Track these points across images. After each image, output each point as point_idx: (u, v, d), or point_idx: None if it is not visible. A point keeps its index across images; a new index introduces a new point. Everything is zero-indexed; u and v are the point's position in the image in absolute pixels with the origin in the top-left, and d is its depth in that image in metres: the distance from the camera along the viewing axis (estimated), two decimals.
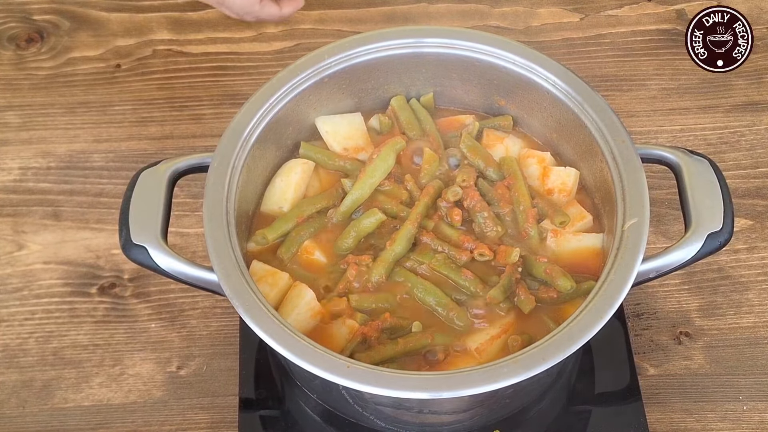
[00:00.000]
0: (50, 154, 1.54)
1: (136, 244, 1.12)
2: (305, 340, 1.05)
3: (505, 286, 1.17)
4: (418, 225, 1.22)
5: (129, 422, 1.30)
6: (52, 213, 1.48)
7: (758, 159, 1.52)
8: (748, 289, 1.39)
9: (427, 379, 1.03)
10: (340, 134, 1.31)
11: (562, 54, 1.64)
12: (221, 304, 1.39)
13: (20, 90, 1.62)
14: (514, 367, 1.02)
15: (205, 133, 1.56)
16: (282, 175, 1.28)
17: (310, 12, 1.71)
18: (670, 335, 1.36)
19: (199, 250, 1.43)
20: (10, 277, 1.42)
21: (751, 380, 1.32)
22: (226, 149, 1.19)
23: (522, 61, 1.26)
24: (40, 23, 1.70)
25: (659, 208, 1.46)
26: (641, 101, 1.59)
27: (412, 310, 1.18)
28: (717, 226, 1.12)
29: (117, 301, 1.39)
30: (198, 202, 1.47)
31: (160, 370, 1.34)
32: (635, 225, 1.12)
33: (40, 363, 1.35)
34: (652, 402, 1.30)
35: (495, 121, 1.33)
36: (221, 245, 1.11)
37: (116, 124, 1.57)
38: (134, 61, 1.65)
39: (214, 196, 1.15)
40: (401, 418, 1.20)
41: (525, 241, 1.22)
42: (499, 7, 1.71)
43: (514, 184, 1.25)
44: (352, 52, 1.28)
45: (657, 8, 1.70)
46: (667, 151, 1.20)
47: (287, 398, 1.30)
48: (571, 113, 1.23)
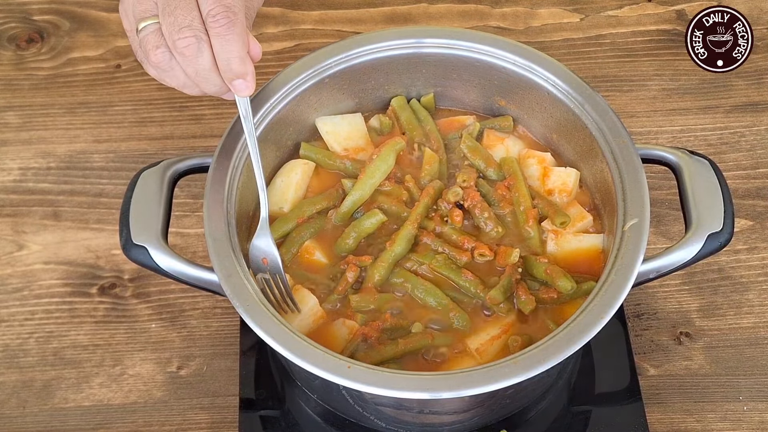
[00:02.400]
0: (50, 154, 1.54)
1: (136, 244, 1.12)
2: (306, 341, 1.05)
3: (505, 287, 1.17)
4: (419, 225, 1.22)
5: (129, 422, 1.30)
6: (52, 213, 1.48)
7: (758, 159, 1.52)
8: (749, 290, 1.39)
9: (427, 379, 1.03)
10: (340, 135, 1.31)
11: (562, 54, 1.64)
12: (221, 304, 1.39)
13: (20, 90, 1.62)
14: (514, 368, 1.02)
15: (205, 133, 1.56)
16: (282, 175, 1.28)
17: (310, 12, 1.71)
18: (671, 335, 1.36)
19: (199, 250, 1.43)
20: (10, 277, 1.42)
21: (751, 380, 1.32)
22: (226, 149, 1.19)
23: (522, 62, 1.26)
24: (40, 23, 1.70)
25: (659, 209, 1.46)
26: (641, 101, 1.59)
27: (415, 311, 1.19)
28: (717, 227, 1.12)
29: (117, 302, 1.39)
30: (198, 203, 1.47)
31: (160, 371, 1.34)
32: (635, 225, 1.12)
33: (40, 363, 1.35)
34: (652, 402, 1.30)
35: (495, 121, 1.33)
36: (221, 245, 1.11)
37: (116, 125, 1.57)
38: (134, 62, 1.65)
39: (214, 196, 1.15)
40: (402, 418, 1.20)
41: (525, 241, 1.23)
42: (499, 8, 1.71)
43: (515, 184, 1.25)
44: (352, 52, 1.28)
45: (657, 8, 1.70)
46: (667, 151, 1.20)
47: (287, 398, 1.30)
48: (572, 113, 1.23)
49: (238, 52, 1.02)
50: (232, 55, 1.02)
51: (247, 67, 1.03)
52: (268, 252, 1.15)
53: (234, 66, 1.02)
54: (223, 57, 1.02)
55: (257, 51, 1.06)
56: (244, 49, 1.03)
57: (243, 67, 1.03)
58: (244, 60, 1.03)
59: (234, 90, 1.06)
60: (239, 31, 1.01)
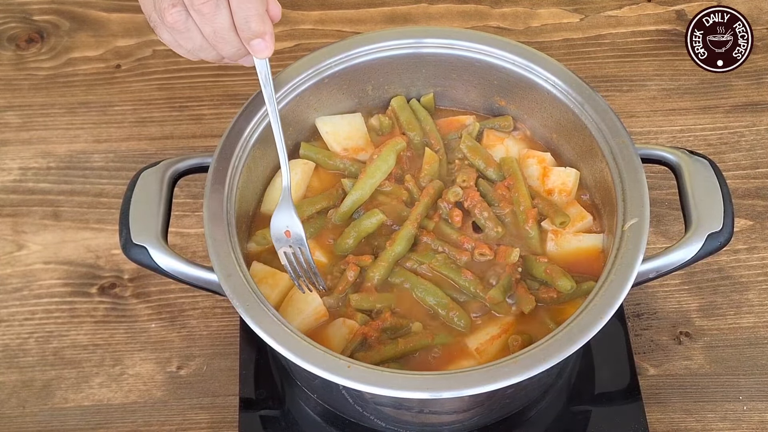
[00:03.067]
0: (50, 154, 1.54)
1: (136, 244, 1.12)
2: (306, 340, 1.05)
3: (505, 286, 1.17)
4: (419, 225, 1.22)
5: (129, 422, 1.30)
6: (52, 213, 1.48)
7: (758, 159, 1.52)
8: (748, 290, 1.39)
9: (427, 379, 1.03)
10: (340, 134, 1.31)
11: (562, 54, 1.64)
12: (221, 304, 1.39)
13: (20, 90, 1.62)
14: (514, 367, 1.02)
15: (205, 133, 1.56)
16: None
17: (310, 12, 1.71)
18: (670, 335, 1.36)
19: (199, 250, 1.43)
20: (10, 277, 1.42)
21: (751, 380, 1.32)
22: (227, 150, 1.19)
23: (522, 62, 1.26)
24: (40, 23, 1.70)
25: (659, 208, 1.46)
26: (641, 101, 1.59)
27: (414, 310, 1.19)
28: (717, 227, 1.12)
29: (117, 301, 1.39)
30: (198, 202, 1.47)
31: (160, 370, 1.34)
32: (635, 225, 1.12)
33: (40, 363, 1.35)
34: (652, 402, 1.30)
35: (495, 121, 1.33)
36: (221, 245, 1.11)
37: (116, 124, 1.57)
38: (134, 62, 1.65)
39: (214, 196, 1.15)
40: (401, 418, 1.20)
41: (525, 241, 1.23)
42: (499, 8, 1.71)
43: (515, 184, 1.25)
44: (352, 52, 1.28)
45: (657, 9, 1.70)
46: (667, 151, 1.21)
47: (287, 398, 1.30)
48: (571, 113, 1.24)
49: (256, 9, 0.98)
50: (250, 12, 0.98)
51: (266, 26, 0.99)
52: (291, 224, 1.13)
53: (252, 24, 0.99)
54: (241, 15, 0.98)
55: (277, 11, 1.02)
56: (262, 7, 0.99)
57: (262, 25, 0.99)
58: (263, 18, 0.99)
59: (252, 51, 1.01)
60: None
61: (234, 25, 0.99)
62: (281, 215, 1.15)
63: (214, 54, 1.03)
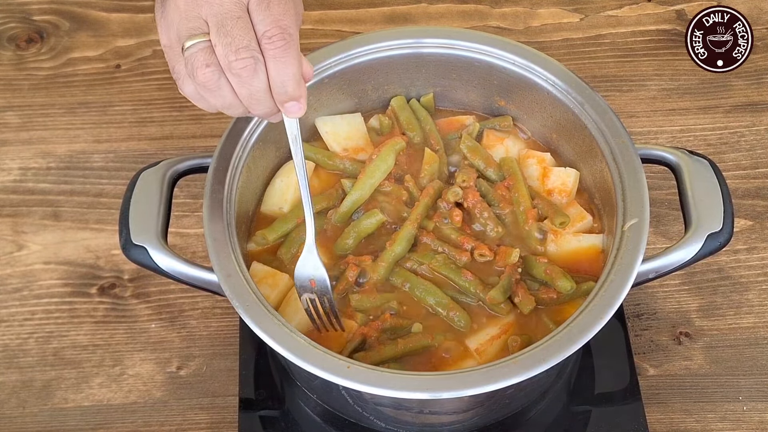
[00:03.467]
0: (50, 154, 1.54)
1: (136, 244, 1.12)
2: (305, 341, 1.05)
3: (504, 287, 1.17)
4: (418, 225, 1.22)
5: (129, 422, 1.30)
6: (52, 213, 1.48)
7: (758, 159, 1.52)
8: (748, 290, 1.39)
9: (427, 379, 1.03)
10: (340, 135, 1.31)
11: (562, 54, 1.64)
12: (221, 304, 1.39)
13: (20, 90, 1.62)
14: (514, 368, 1.02)
15: (205, 133, 1.56)
16: (282, 175, 1.28)
17: (310, 12, 1.71)
18: (670, 335, 1.36)
19: (199, 251, 1.43)
20: (10, 278, 1.42)
21: (751, 380, 1.32)
22: (226, 150, 1.19)
23: (522, 62, 1.26)
24: (40, 23, 1.70)
25: (659, 209, 1.46)
26: (641, 101, 1.59)
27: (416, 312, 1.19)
28: (717, 227, 1.12)
29: (117, 302, 1.39)
30: (198, 203, 1.47)
31: (160, 371, 1.34)
32: (635, 225, 1.12)
33: (40, 363, 1.35)
34: (652, 402, 1.30)
35: (495, 121, 1.33)
36: (221, 245, 1.11)
37: (116, 125, 1.57)
38: (134, 62, 1.65)
39: (214, 196, 1.15)
40: (401, 418, 1.20)
41: (525, 241, 1.23)
42: (499, 8, 1.71)
43: (514, 184, 1.25)
44: (352, 52, 1.28)
45: (657, 8, 1.70)
46: (667, 151, 1.20)
47: (287, 398, 1.30)
48: (571, 113, 1.23)
49: (293, 74, 0.99)
50: (288, 77, 0.98)
51: (302, 89, 1.00)
52: (317, 274, 1.13)
53: (289, 88, 0.99)
54: (279, 80, 0.98)
55: (310, 71, 1.04)
56: (299, 71, 0.99)
57: (298, 89, 1.00)
58: (299, 82, 1.00)
59: (286, 112, 1.02)
60: (294, 53, 0.98)
61: (269, 87, 0.99)
62: (306, 265, 1.14)
63: (242, 111, 1.03)
